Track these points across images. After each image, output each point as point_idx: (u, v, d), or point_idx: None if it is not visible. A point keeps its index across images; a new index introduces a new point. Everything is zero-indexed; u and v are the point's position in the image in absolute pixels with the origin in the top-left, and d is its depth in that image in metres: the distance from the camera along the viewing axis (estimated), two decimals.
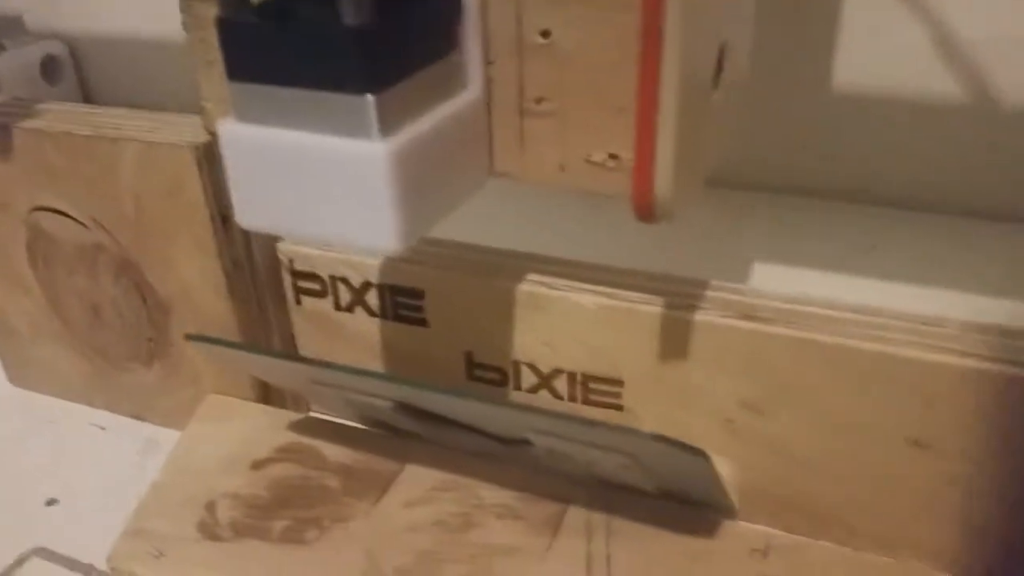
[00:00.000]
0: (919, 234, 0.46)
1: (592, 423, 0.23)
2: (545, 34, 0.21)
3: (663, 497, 0.27)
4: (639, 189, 0.20)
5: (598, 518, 0.27)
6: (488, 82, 0.23)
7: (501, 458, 0.28)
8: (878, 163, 0.48)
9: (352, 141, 0.19)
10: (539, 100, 0.22)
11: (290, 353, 0.32)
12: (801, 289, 0.42)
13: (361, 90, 0.19)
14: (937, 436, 0.25)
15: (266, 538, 0.27)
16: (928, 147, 0.46)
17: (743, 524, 0.28)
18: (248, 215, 0.22)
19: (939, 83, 0.44)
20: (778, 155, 0.50)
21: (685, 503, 0.27)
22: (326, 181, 0.20)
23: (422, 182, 0.21)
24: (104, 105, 0.64)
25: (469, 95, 0.22)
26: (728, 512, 0.28)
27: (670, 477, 0.25)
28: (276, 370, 0.29)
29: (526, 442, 0.25)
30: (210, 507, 0.28)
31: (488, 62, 0.22)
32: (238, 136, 0.21)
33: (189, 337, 0.28)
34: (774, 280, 0.43)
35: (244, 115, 0.21)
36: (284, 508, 0.28)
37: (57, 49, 0.59)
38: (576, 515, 0.27)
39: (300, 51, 0.19)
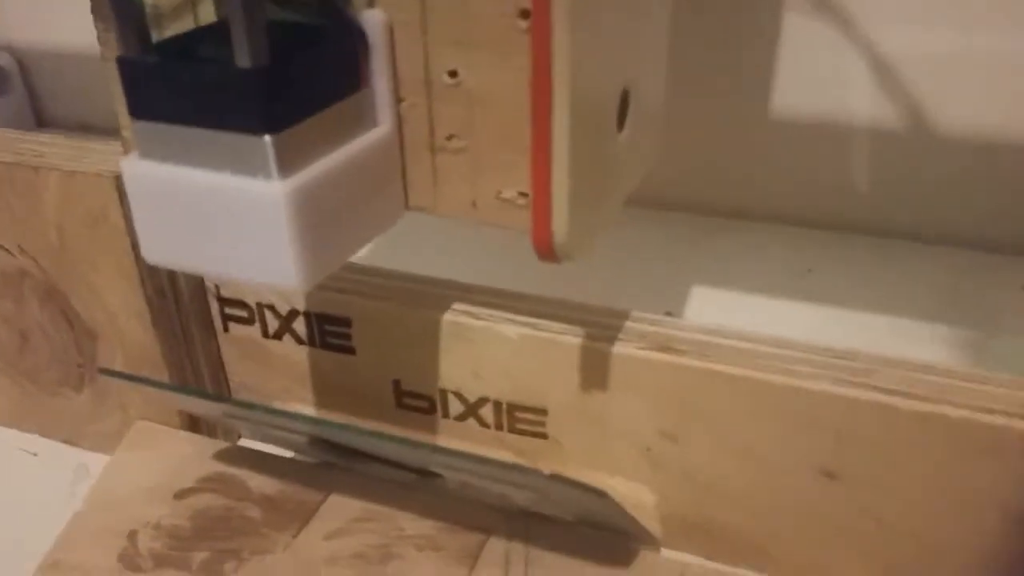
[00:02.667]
0: (855, 257, 0.46)
1: (492, 462, 0.23)
2: (453, 74, 0.22)
3: (584, 526, 0.27)
4: (537, 230, 0.20)
5: (518, 548, 0.27)
6: (400, 119, 0.23)
7: (422, 489, 0.28)
8: (814, 186, 0.48)
9: (251, 180, 0.19)
10: (450, 137, 0.23)
11: (195, 389, 0.31)
12: (737, 312, 0.43)
13: (257, 131, 0.19)
14: (848, 467, 0.25)
15: (185, 569, 0.27)
16: (862, 170, 0.47)
17: (664, 553, 0.28)
18: (153, 251, 0.22)
19: (871, 106, 0.45)
20: (715, 178, 0.50)
21: (607, 532, 0.27)
22: (228, 220, 0.20)
23: (327, 219, 0.21)
24: (53, 118, 0.63)
25: (380, 132, 0.22)
26: (650, 541, 0.28)
27: (580, 511, 0.25)
28: (187, 404, 0.29)
29: (439, 475, 0.25)
30: (132, 537, 0.28)
31: (399, 100, 0.22)
32: (141, 173, 0.21)
33: (102, 371, 0.28)
34: (711, 303, 0.43)
35: (147, 152, 0.21)
36: (205, 539, 0.28)
37: (4, 61, 0.58)
38: (496, 545, 0.27)
39: (199, 91, 0.19)
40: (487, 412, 0.30)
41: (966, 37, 0.42)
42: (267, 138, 0.19)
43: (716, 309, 0.43)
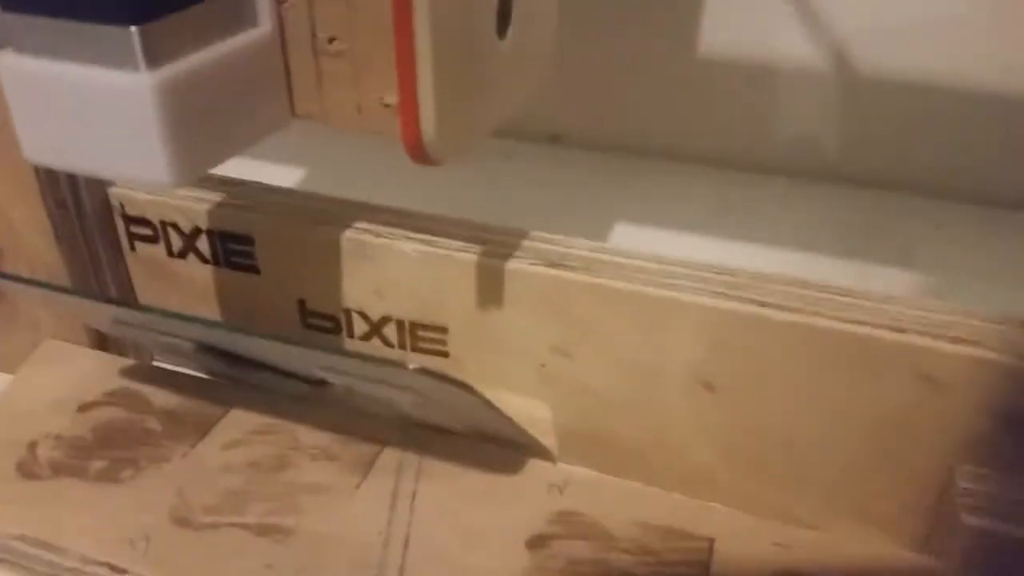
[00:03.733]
0: (774, 197, 0.47)
1: (362, 357, 0.23)
2: None
3: (482, 440, 0.28)
4: (406, 131, 0.20)
5: (411, 458, 0.27)
6: (281, 20, 0.23)
7: (318, 401, 0.29)
8: (736, 128, 0.49)
9: (120, 73, 0.20)
10: (331, 40, 0.23)
11: (85, 291, 0.31)
12: (659, 249, 0.43)
13: (124, 21, 0.19)
14: (725, 379, 0.26)
15: (82, 476, 0.27)
16: (783, 113, 0.47)
17: (560, 466, 0.29)
18: (33, 149, 0.22)
19: (796, 49, 0.45)
20: (640, 119, 0.51)
21: (505, 446, 0.28)
22: (100, 114, 0.20)
23: (199, 116, 0.21)
24: None
25: (259, 32, 0.22)
26: (545, 454, 0.29)
27: (467, 419, 0.26)
28: (81, 310, 0.29)
29: (326, 382, 0.26)
30: (32, 447, 0.28)
31: (280, 0, 0.23)
32: (15, 68, 0.21)
33: None
34: (633, 241, 0.44)
35: (21, 46, 0.21)
36: (104, 449, 0.28)
37: None
38: (390, 456, 0.28)
39: None
40: (391, 331, 0.30)
41: None
42: (133, 29, 0.19)
43: (634, 246, 0.44)
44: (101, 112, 0.20)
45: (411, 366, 0.21)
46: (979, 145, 0.46)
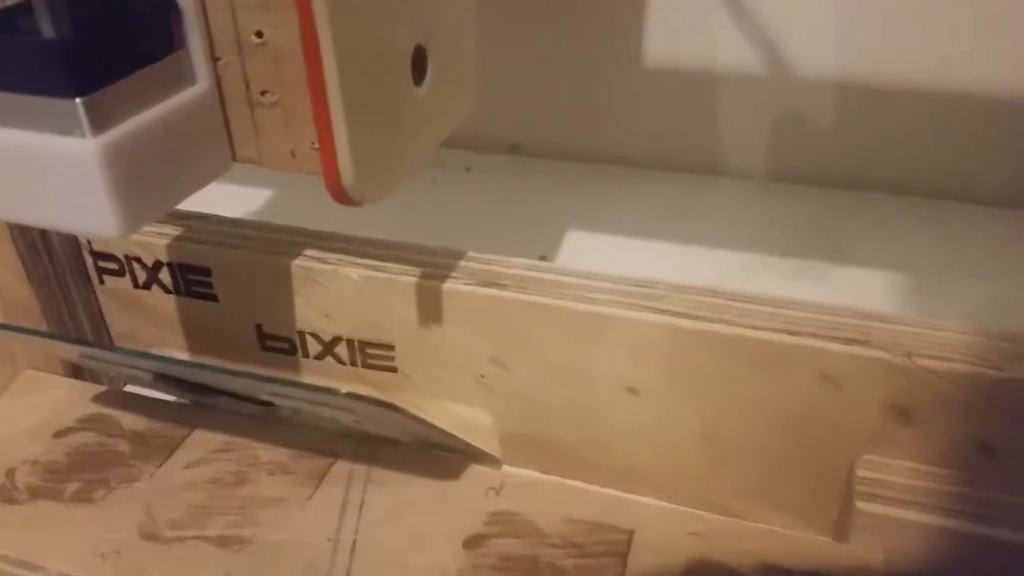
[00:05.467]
0: (723, 200, 0.50)
1: (299, 384, 0.25)
2: (259, 34, 0.24)
3: (430, 448, 0.30)
4: (327, 175, 0.23)
5: (360, 469, 0.30)
6: (218, 77, 0.25)
7: (273, 420, 0.31)
8: (686, 132, 0.51)
9: (68, 140, 0.22)
10: (263, 93, 0.25)
11: (50, 333, 0.33)
12: (611, 253, 0.46)
13: (68, 94, 0.21)
14: (646, 383, 0.28)
15: (58, 499, 0.29)
16: (730, 115, 0.50)
17: (505, 469, 0.31)
18: None
19: (735, 52, 0.47)
20: (592, 125, 0.53)
21: (452, 453, 0.30)
22: (51, 175, 0.22)
23: (144, 171, 0.23)
24: None
25: (197, 89, 0.24)
26: (490, 459, 0.31)
27: (407, 431, 0.28)
28: (53, 347, 0.31)
29: (273, 404, 0.28)
30: (10, 473, 0.30)
31: (216, 59, 0.25)
32: None
33: None
34: (585, 245, 0.46)
35: None
36: (78, 472, 0.30)
37: None
38: (341, 468, 0.30)
39: (14, 60, 0.21)
40: (342, 350, 0.32)
41: None
42: (77, 100, 0.21)
43: (590, 251, 0.46)
44: (52, 173, 0.22)
45: (342, 391, 0.23)
46: (918, 139, 0.48)
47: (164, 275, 0.33)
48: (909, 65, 0.46)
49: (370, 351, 0.32)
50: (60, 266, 0.33)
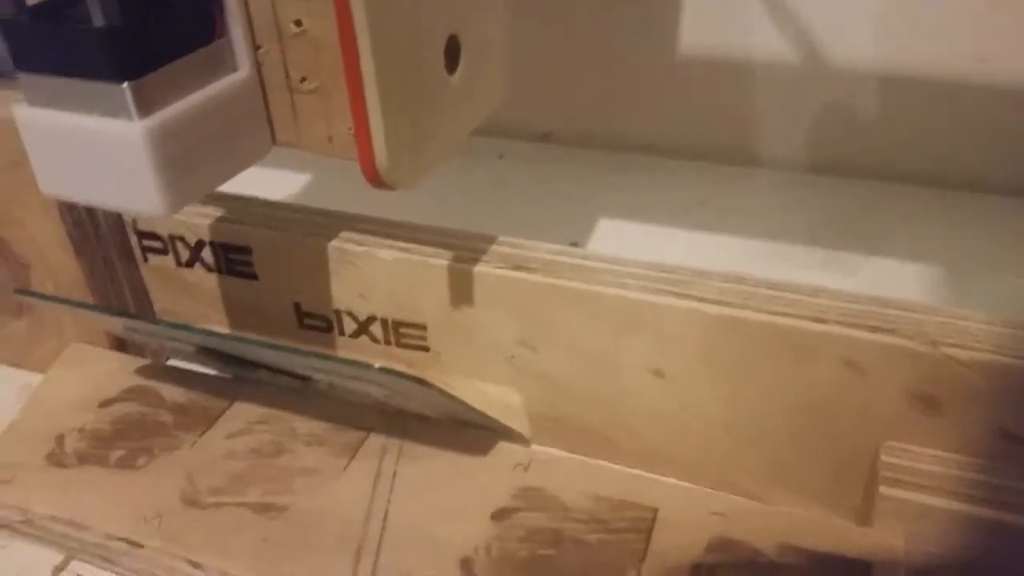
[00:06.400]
0: (750, 189, 0.50)
1: (334, 359, 0.26)
2: (298, 23, 0.25)
3: (457, 425, 0.31)
4: (362, 159, 0.23)
5: (393, 443, 0.31)
6: (258, 64, 0.26)
7: (311, 394, 0.32)
8: (714, 121, 0.51)
9: (116, 121, 0.23)
10: (303, 80, 0.26)
11: (98, 305, 0.34)
12: (638, 241, 0.46)
13: (116, 79, 0.22)
14: (671, 367, 0.29)
15: (104, 464, 0.31)
16: (759, 105, 0.50)
17: (533, 448, 0.32)
18: (47, 184, 0.25)
19: (768, 45, 0.47)
20: (626, 116, 0.53)
21: (483, 431, 0.31)
22: (101, 156, 0.23)
23: (187, 153, 0.24)
24: None
25: (239, 76, 0.25)
26: (519, 437, 0.32)
27: (438, 408, 0.29)
28: (98, 319, 0.33)
29: (310, 378, 0.29)
30: (59, 440, 0.32)
31: (256, 47, 0.26)
32: (28, 118, 0.24)
33: (17, 292, 0.31)
34: (614, 233, 0.46)
35: (32, 100, 0.24)
36: (122, 440, 0.32)
37: None
38: (375, 441, 0.31)
39: (66, 48, 0.22)
40: (376, 329, 0.33)
41: None
42: (125, 85, 0.22)
43: (620, 238, 0.46)
44: (101, 154, 0.23)
45: (376, 365, 0.24)
46: (952, 131, 0.47)
47: (206, 254, 0.34)
48: (945, 57, 0.45)
49: (403, 330, 0.33)
50: (106, 243, 0.35)
